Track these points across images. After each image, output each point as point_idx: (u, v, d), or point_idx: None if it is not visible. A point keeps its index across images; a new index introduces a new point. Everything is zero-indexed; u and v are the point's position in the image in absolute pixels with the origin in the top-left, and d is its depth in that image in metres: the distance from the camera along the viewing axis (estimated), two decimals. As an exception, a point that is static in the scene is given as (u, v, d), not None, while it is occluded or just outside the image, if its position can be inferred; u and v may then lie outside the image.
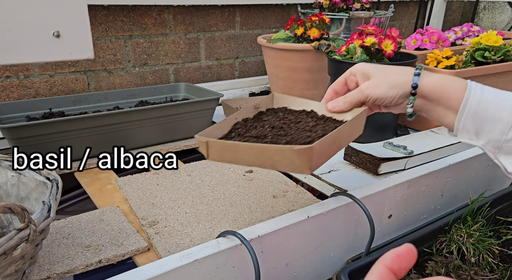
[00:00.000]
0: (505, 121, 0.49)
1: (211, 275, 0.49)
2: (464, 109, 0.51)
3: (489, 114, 0.50)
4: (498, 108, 0.50)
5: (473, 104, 0.50)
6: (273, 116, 0.67)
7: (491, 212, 0.72)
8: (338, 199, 0.61)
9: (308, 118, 0.65)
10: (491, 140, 0.51)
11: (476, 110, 0.50)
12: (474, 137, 0.52)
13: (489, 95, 0.51)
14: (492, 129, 0.50)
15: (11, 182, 0.60)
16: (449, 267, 0.61)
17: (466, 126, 0.52)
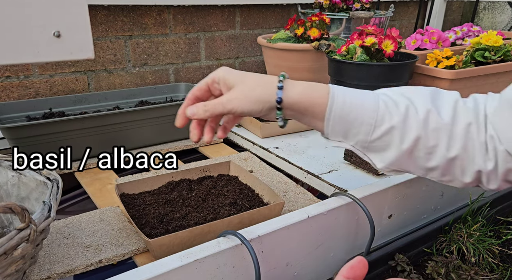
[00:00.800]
0: (367, 123, 0.51)
1: (211, 275, 0.49)
2: (329, 116, 0.52)
3: (352, 118, 0.52)
4: (360, 111, 0.51)
5: (337, 111, 0.52)
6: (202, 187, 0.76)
7: (491, 212, 0.72)
8: (338, 199, 0.61)
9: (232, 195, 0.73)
10: (359, 141, 0.53)
11: (340, 116, 0.52)
12: (343, 139, 0.55)
13: (351, 98, 0.52)
14: (357, 131, 0.52)
15: (11, 182, 0.60)
16: (449, 267, 0.61)
17: (334, 131, 0.53)
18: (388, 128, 0.51)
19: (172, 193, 0.74)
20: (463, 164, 0.51)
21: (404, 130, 0.51)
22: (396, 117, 0.51)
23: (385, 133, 0.51)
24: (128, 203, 0.70)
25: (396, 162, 0.53)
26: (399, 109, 0.51)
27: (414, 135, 0.50)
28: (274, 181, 0.84)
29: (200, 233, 0.60)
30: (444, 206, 0.78)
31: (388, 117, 0.51)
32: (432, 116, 0.50)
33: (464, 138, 0.50)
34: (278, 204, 0.67)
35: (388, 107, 0.51)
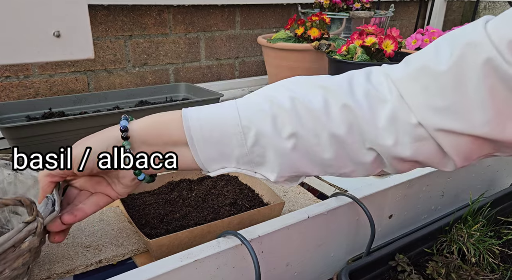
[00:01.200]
0: (234, 133, 0.44)
1: (211, 275, 0.49)
2: (191, 139, 0.45)
3: (218, 133, 0.44)
4: (222, 123, 0.44)
5: (197, 129, 0.44)
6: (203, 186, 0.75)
7: (492, 212, 0.72)
8: (338, 199, 0.61)
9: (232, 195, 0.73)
10: (239, 158, 0.45)
11: (203, 135, 0.44)
12: (223, 164, 0.47)
13: (208, 113, 0.45)
14: (231, 147, 0.45)
15: (7, 180, 0.59)
16: (449, 267, 0.61)
17: (206, 156, 0.46)
18: (257, 132, 0.44)
19: (172, 193, 0.74)
20: (354, 147, 0.44)
21: (277, 128, 0.43)
22: (263, 118, 0.44)
23: (258, 138, 0.44)
24: (128, 203, 0.70)
25: (286, 167, 0.45)
26: (263, 108, 0.44)
27: (289, 131, 0.43)
28: (274, 181, 0.84)
29: (200, 234, 0.60)
30: (444, 206, 0.78)
31: (254, 120, 0.44)
32: (300, 104, 0.43)
33: (343, 118, 0.43)
34: (278, 204, 0.67)
35: (250, 109, 0.44)
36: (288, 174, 0.46)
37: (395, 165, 0.44)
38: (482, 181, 0.85)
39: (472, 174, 0.81)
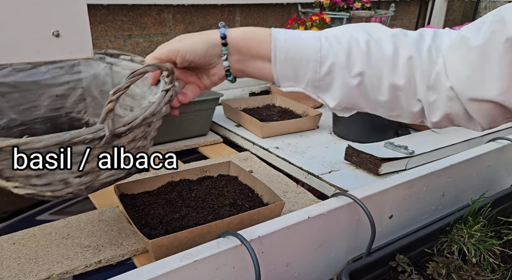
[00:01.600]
0: (313, 59, 0.51)
1: (211, 275, 0.49)
2: (275, 55, 0.52)
3: (298, 56, 0.51)
4: (305, 48, 0.51)
5: (282, 48, 0.52)
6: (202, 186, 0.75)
7: (492, 212, 0.72)
8: (338, 200, 0.61)
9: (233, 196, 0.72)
10: (309, 81, 0.53)
11: (286, 55, 0.52)
12: (294, 83, 0.54)
13: (294, 37, 0.52)
14: (306, 70, 0.52)
15: (104, 72, 0.63)
16: (450, 267, 0.61)
17: (283, 74, 0.53)
18: (332, 63, 0.51)
19: (172, 194, 0.73)
20: (408, 96, 0.52)
21: (348, 65, 0.51)
22: (340, 52, 0.51)
23: (331, 69, 0.51)
24: (128, 203, 0.70)
25: (347, 99, 0.53)
26: (341, 44, 0.51)
27: (358, 70, 0.51)
28: (274, 181, 0.84)
29: (200, 234, 0.60)
30: (445, 206, 0.78)
31: (332, 52, 0.51)
32: (373, 47, 0.50)
33: (406, 70, 0.50)
34: (278, 205, 0.67)
35: (330, 42, 0.51)
36: (345, 105, 0.54)
37: (431, 119, 0.52)
38: (483, 181, 0.84)
39: (472, 174, 0.81)
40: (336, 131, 1.06)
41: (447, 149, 0.92)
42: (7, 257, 0.60)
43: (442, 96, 0.50)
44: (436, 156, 0.88)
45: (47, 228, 0.67)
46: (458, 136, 0.98)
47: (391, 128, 1.02)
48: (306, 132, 1.08)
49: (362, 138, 0.99)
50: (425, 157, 0.87)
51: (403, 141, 0.92)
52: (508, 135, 0.87)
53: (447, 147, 0.92)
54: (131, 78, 0.45)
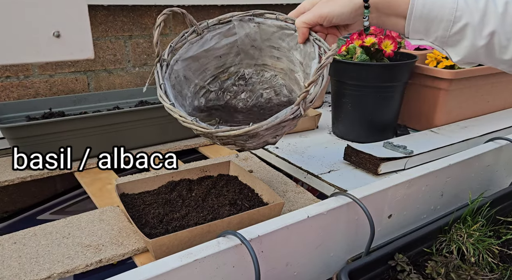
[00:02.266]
0: (447, 19, 0.55)
1: (211, 275, 0.49)
2: (411, 14, 0.57)
3: (433, 15, 0.56)
4: (440, 8, 0.55)
5: (418, 8, 0.56)
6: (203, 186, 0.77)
7: (491, 212, 0.72)
8: (338, 199, 0.61)
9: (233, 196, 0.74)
10: (438, 37, 0.58)
11: (421, 14, 0.56)
12: (424, 36, 0.59)
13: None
14: (437, 27, 0.57)
15: (254, 30, 0.75)
16: (449, 267, 0.61)
17: (415, 28, 0.58)
18: (465, 24, 0.55)
19: (172, 193, 0.74)
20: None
21: (481, 25, 0.54)
22: (475, 13, 0.54)
23: (463, 29, 0.55)
24: (128, 203, 0.70)
25: (471, 55, 0.57)
26: (478, 4, 0.54)
27: (490, 30, 0.54)
28: (274, 181, 0.84)
29: (200, 233, 0.60)
30: (444, 206, 0.78)
31: (467, 12, 0.54)
32: (510, 8, 0.54)
33: None
34: (278, 204, 0.67)
35: (467, 2, 0.55)
36: (468, 60, 0.59)
37: None
38: (482, 181, 0.85)
39: (471, 174, 0.81)
40: (335, 131, 1.07)
41: (446, 149, 0.92)
42: (8, 256, 0.60)
43: None
44: (435, 156, 0.89)
45: (48, 227, 0.67)
46: (457, 136, 0.98)
47: (390, 128, 1.02)
48: (305, 132, 1.08)
49: (361, 138, 1.00)
50: (424, 157, 0.87)
51: (402, 141, 0.92)
52: (506, 135, 0.88)
53: (446, 147, 0.92)
54: (318, 72, 0.55)
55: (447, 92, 1.01)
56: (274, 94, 0.80)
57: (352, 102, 0.98)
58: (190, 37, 0.71)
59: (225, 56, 0.78)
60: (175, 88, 0.70)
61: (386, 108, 0.98)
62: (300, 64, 0.71)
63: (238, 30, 0.74)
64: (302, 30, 0.64)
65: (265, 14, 0.73)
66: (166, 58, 0.68)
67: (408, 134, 1.02)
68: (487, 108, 1.17)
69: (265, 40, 0.75)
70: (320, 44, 0.64)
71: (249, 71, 0.80)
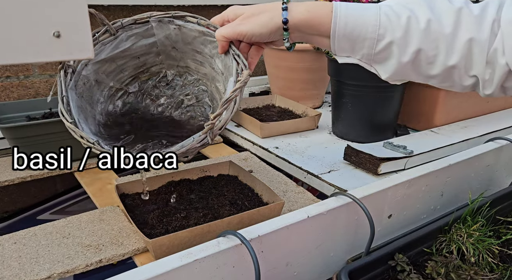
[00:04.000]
0: (370, 37, 0.54)
1: (211, 275, 0.49)
2: (334, 34, 0.56)
3: (356, 34, 0.55)
4: (363, 26, 0.54)
5: (341, 28, 0.55)
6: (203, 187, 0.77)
7: (491, 212, 0.72)
8: (338, 199, 0.61)
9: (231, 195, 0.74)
10: (364, 54, 0.57)
11: (344, 33, 0.55)
12: (350, 54, 0.58)
13: (355, 14, 0.55)
14: (362, 46, 0.56)
15: (175, 33, 0.72)
16: (449, 267, 0.61)
17: (340, 47, 0.57)
18: (389, 42, 0.54)
19: (172, 193, 0.74)
20: (461, 72, 0.54)
21: (405, 42, 0.53)
22: (398, 30, 0.53)
23: (387, 46, 0.54)
24: (128, 203, 0.70)
25: (398, 72, 0.57)
26: (400, 20, 0.53)
27: (415, 47, 0.53)
28: (274, 181, 0.84)
29: (200, 233, 0.60)
30: (444, 206, 0.78)
31: (390, 29, 0.53)
32: (433, 25, 0.52)
33: (463, 50, 0.52)
34: (278, 204, 0.67)
35: (390, 19, 0.54)
36: (397, 77, 0.58)
37: (485, 92, 0.55)
38: (482, 181, 0.85)
39: (471, 174, 0.81)
40: (335, 131, 1.07)
41: (446, 149, 0.92)
42: (8, 256, 0.60)
43: (498, 71, 0.52)
44: (435, 156, 0.89)
45: (48, 227, 0.67)
46: (457, 136, 0.99)
47: (390, 128, 1.02)
48: (305, 132, 1.08)
49: (361, 138, 1.00)
50: (424, 157, 0.87)
51: (402, 141, 0.93)
52: (506, 135, 0.88)
53: (446, 147, 0.92)
54: (224, 105, 0.56)
55: (447, 92, 1.01)
56: (196, 101, 0.78)
57: (352, 102, 0.98)
58: (102, 38, 0.67)
59: (144, 56, 0.74)
60: (83, 96, 0.65)
61: (386, 108, 0.98)
62: (221, 74, 0.69)
63: (157, 31, 0.71)
64: (221, 43, 0.62)
65: (186, 17, 0.69)
66: (72, 63, 0.63)
67: (408, 134, 1.02)
68: (487, 108, 1.17)
69: (187, 44, 0.72)
70: (238, 60, 0.62)
71: (172, 72, 0.77)
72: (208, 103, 0.77)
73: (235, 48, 0.63)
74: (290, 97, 1.21)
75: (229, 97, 0.55)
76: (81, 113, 0.62)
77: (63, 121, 0.59)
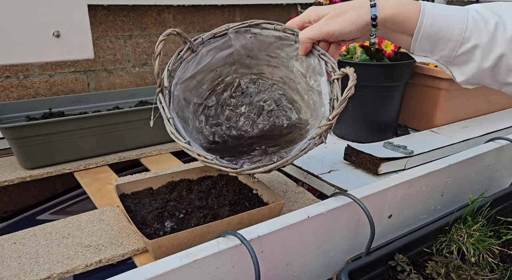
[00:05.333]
0: (455, 39, 0.54)
1: (211, 275, 0.49)
2: (418, 33, 0.56)
3: (441, 35, 0.55)
4: (449, 28, 0.54)
5: (427, 27, 0.55)
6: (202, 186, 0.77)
7: (491, 212, 0.72)
8: (338, 199, 0.61)
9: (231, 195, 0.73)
10: (444, 56, 0.57)
11: (429, 33, 0.55)
12: (429, 54, 0.58)
13: (442, 15, 0.55)
14: (444, 47, 0.56)
15: (250, 41, 0.71)
16: (449, 267, 0.61)
17: (421, 47, 0.57)
18: (473, 46, 0.54)
19: (172, 193, 0.74)
20: None
21: (489, 48, 0.53)
22: (484, 35, 0.53)
23: (470, 50, 0.54)
24: (128, 203, 0.70)
25: (476, 77, 0.56)
26: (488, 26, 0.53)
27: (498, 53, 0.53)
28: (274, 181, 0.84)
29: (200, 234, 0.60)
30: (444, 206, 0.78)
31: (476, 34, 0.53)
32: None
33: None
34: (278, 204, 0.67)
35: (477, 23, 0.54)
36: (472, 81, 0.58)
37: None
38: (482, 181, 0.85)
39: (472, 174, 0.81)
40: (335, 131, 1.06)
41: (446, 149, 0.92)
42: (7, 256, 0.60)
43: None
44: (435, 156, 0.89)
45: (48, 227, 0.67)
46: (457, 136, 0.98)
47: (390, 128, 1.02)
48: (305, 132, 1.08)
49: (362, 138, 1.00)
50: (424, 157, 0.87)
51: (402, 141, 0.92)
52: (507, 135, 0.88)
53: (446, 147, 0.92)
54: (342, 105, 0.56)
55: (448, 92, 1.01)
56: (275, 105, 0.78)
57: (352, 102, 0.98)
58: (185, 56, 0.68)
59: (220, 68, 0.75)
60: (178, 115, 0.66)
61: (386, 108, 0.98)
62: (302, 75, 0.69)
63: (234, 42, 0.71)
64: (305, 45, 0.63)
65: (262, 24, 0.70)
66: (167, 85, 0.64)
67: (408, 134, 1.02)
68: (487, 108, 1.17)
69: (262, 50, 0.73)
70: (326, 59, 0.62)
71: (245, 80, 0.78)
72: (288, 106, 0.77)
73: (319, 48, 0.63)
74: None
75: (346, 96, 0.55)
76: (186, 134, 0.63)
77: (177, 142, 0.60)
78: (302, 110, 0.74)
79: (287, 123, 0.76)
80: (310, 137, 0.57)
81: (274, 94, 0.78)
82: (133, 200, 0.71)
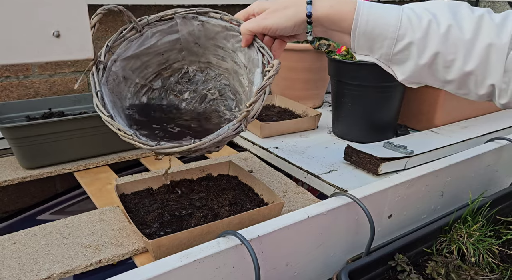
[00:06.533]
0: (390, 37, 0.55)
1: (211, 275, 0.49)
2: (355, 31, 0.57)
3: (376, 32, 0.56)
4: (384, 26, 0.55)
5: (362, 25, 0.56)
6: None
7: (491, 212, 0.72)
8: (338, 199, 0.61)
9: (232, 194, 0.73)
10: (383, 54, 0.57)
11: (365, 31, 0.56)
12: (369, 53, 0.59)
13: (377, 13, 0.56)
14: (381, 45, 0.56)
15: (198, 29, 0.72)
16: (449, 267, 0.61)
17: (360, 45, 0.58)
18: (408, 43, 0.55)
19: (172, 194, 0.74)
20: (478, 79, 0.55)
21: (424, 45, 0.54)
22: (418, 32, 0.54)
23: (406, 48, 0.55)
24: (128, 203, 0.70)
25: (415, 75, 0.57)
26: (421, 23, 0.54)
27: (433, 50, 0.54)
28: (274, 181, 0.84)
29: (200, 234, 0.60)
30: (444, 206, 0.78)
31: (410, 31, 0.54)
32: (453, 30, 0.53)
33: (481, 56, 0.53)
34: (278, 204, 0.67)
35: (411, 21, 0.54)
36: (413, 80, 0.59)
37: (501, 101, 0.56)
38: (482, 181, 0.85)
39: (471, 174, 0.81)
40: (335, 131, 1.06)
41: (446, 149, 0.92)
42: (8, 256, 0.60)
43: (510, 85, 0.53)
44: (435, 156, 0.89)
45: (48, 227, 0.67)
46: (457, 136, 0.98)
47: (390, 128, 1.02)
48: (305, 132, 1.08)
49: (362, 138, 1.00)
50: (424, 157, 0.87)
51: (402, 141, 0.92)
52: (507, 135, 0.88)
53: (446, 147, 0.92)
54: (259, 93, 0.57)
55: (447, 92, 1.01)
56: (219, 95, 0.79)
57: (352, 102, 0.98)
58: (129, 35, 0.69)
59: (167, 53, 0.75)
60: (113, 91, 0.67)
61: (386, 108, 0.98)
62: (245, 67, 0.70)
63: (181, 27, 0.72)
64: (246, 37, 0.64)
65: (210, 13, 0.70)
66: (103, 59, 0.65)
67: (408, 134, 1.02)
68: (487, 108, 1.17)
69: (209, 39, 0.73)
70: (264, 52, 0.64)
71: (193, 68, 0.79)
72: (231, 97, 0.78)
73: (259, 41, 0.65)
74: (290, 97, 1.21)
75: (263, 85, 0.56)
76: (114, 108, 0.63)
77: (99, 114, 0.60)
78: (242, 102, 0.74)
79: (226, 113, 0.77)
80: (231, 124, 0.58)
81: (220, 84, 0.79)
82: (133, 200, 0.71)
